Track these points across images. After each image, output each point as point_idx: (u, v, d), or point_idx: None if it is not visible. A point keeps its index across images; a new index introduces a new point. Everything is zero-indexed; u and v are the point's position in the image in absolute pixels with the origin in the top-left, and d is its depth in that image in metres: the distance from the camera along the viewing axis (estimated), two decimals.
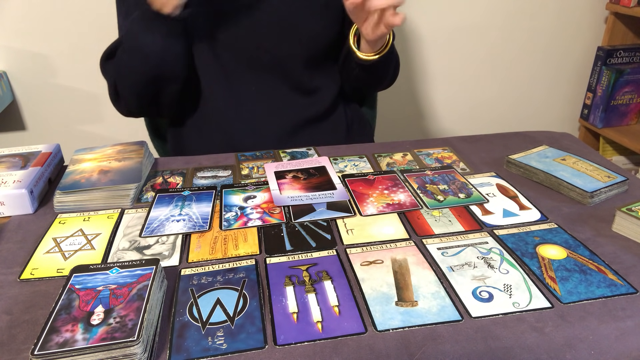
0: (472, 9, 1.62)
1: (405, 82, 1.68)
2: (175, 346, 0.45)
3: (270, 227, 0.64)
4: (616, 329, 0.47)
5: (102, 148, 0.80)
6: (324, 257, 0.58)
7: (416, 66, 1.68)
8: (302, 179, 0.75)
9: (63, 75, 1.46)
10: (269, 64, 0.91)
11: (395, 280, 0.54)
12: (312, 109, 0.96)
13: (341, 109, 1.01)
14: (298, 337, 0.46)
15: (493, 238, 0.61)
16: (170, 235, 0.62)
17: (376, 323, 0.48)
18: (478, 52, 1.69)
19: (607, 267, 0.56)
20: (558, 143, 0.87)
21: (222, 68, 0.90)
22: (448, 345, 0.45)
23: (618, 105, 1.74)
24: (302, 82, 0.94)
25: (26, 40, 1.40)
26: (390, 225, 0.64)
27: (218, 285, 0.53)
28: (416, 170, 0.78)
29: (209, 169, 0.80)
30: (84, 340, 0.42)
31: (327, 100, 0.98)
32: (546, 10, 1.67)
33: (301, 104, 0.95)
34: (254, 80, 0.92)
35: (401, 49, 1.60)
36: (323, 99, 0.98)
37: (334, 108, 1.00)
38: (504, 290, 0.52)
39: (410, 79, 1.69)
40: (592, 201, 0.68)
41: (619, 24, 1.68)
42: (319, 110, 0.97)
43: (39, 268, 0.56)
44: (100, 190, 0.68)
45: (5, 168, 0.71)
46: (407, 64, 1.66)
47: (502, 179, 0.76)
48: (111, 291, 0.48)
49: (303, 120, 0.96)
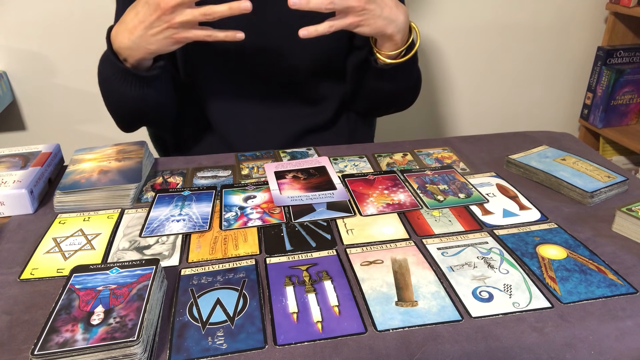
0: (472, 10, 1.62)
1: None
2: (175, 346, 0.45)
3: (270, 227, 0.64)
4: (616, 329, 0.47)
5: (102, 148, 0.80)
6: (324, 257, 0.58)
7: None
8: (302, 179, 0.75)
9: (63, 75, 1.46)
10: (273, 74, 0.90)
11: (395, 280, 0.54)
12: (316, 118, 0.96)
13: (344, 117, 1.00)
14: (298, 337, 0.46)
15: (493, 238, 0.61)
16: (170, 235, 0.62)
17: (376, 323, 0.48)
18: (478, 52, 1.69)
19: (607, 267, 0.56)
20: (558, 143, 0.87)
21: (225, 77, 0.89)
22: (448, 345, 0.45)
23: (618, 105, 1.74)
24: (307, 92, 0.93)
25: (26, 40, 1.40)
26: (390, 225, 0.64)
27: (218, 285, 0.53)
28: (416, 170, 0.78)
29: (209, 169, 0.80)
30: (84, 340, 0.42)
31: (331, 109, 0.97)
32: (546, 11, 1.67)
33: (305, 113, 0.95)
34: (258, 89, 0.91)
35: None
36: (327, 108, 0.97)
37: (337, 117, 0.99)
38: (504, 290, 0.52)
39: None
40: (592, 201, 0.68)
41: (619, 24, 1.68)
42: (323, 120, 0.96)
43: (39, 268, 0.56)
44: (100, 190, 0.68)
45: (5, 168, 0.71)
46: None
47: (502, 179, 0.76)
48: (111, 291, 0.48)
49: (306, 129, 0.95)
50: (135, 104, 0.81)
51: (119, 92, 0.80)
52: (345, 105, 1.00)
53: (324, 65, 0.92)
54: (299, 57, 0.89)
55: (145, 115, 0.87)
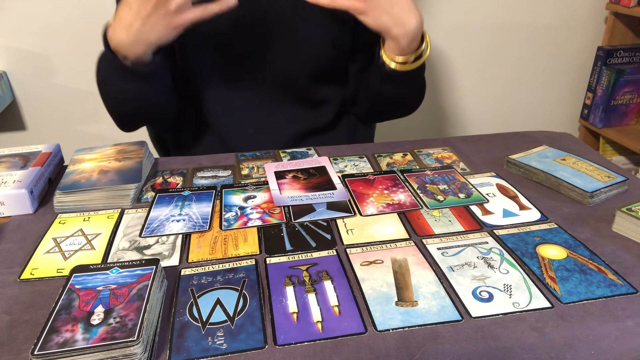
0: (473, 9, 1.62)
1: None
2: (175, 346, 0.45)
3: (270, 227, 0.64)
4: (616, 329, 0.47)
5: (102, 148, 0.80)
6: (324, 257, 0.58)
7: None
8: (302, 179, 0.75)
9: (63, 75, 1.46)
10: (274, 76, 0.90)
11: (395, 280, 0.54)
12: (317, 121, 0.96)
13: (345, 120, 1.00)
14: (298, 337, 0.46)
15: (493, 238, 0.61)
16: (170, 235, 0.62)
17: (376, 323, 0.48)
18: (478, 52, 1.69)
19: (607, 267, 0.56)
20: (558, 143, 0.87)
21: (226, 80, 0.89)
22: (448, 345, 0.45)
23: (618, 105, 1.74)
24: (308, 94, 0.93)
25: (26, 40, 1.40)
26: (390, 225, 0.64)
27: (218, 285, 0.53)
28: (416, 170, 0.78)
29: (209, 169, 0.80)
30: (84, 340, 0.42)
31: (332, 111, 0.97)
32: (546, 10, 1.67)
33: (306, 116, 0.95)
34: (258, 92, 0.91)
35: None
36: (328, 111, 0.96)
37: (338, 119, 0.99)
38: (504, 290, 0.52)
39: None
40: (592, 201, 0.68)
41: (619, 24, 1.68)
42: (324, 122, 0.96)
43: (39, 268, 0.56)
44: (100, 190, 0.68)
45: (5, 168, 0.71)
46: None
47: (502, 179, 0.76)
48: (111, 291, 0.48)
49: (307, 131, 0.95)
50: (135, 102, 0.81)
51: (118, 90, 0.80)
52: (345, 108, 1.00)
53: (325, 68, 0.92)
54: (299, 59, 0.89)
55: (145, 113, 0.87)
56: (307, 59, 0.89)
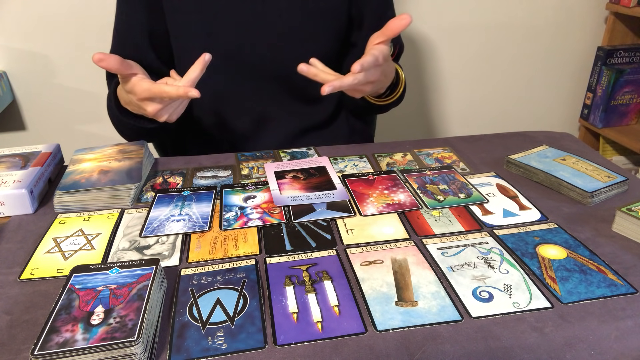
0: (472, 9, 1.62)
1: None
2: (175, 346, 0.45)
3: (270, 227, 0.64)
4: (616, 329, 0.47)
5: (102, 148, 0.80)
6: (324, 257, 0.58)
7: (416, 66, 1.68)
8: (302, 179, 0.75)
9: (63, 75, 1.46)
10: (271, 73, 0.90)
11: (395, 280, 0.54)
12: (315, 118, 0.96)
13: (343, 115, 1.00)
14: (298, 337, 0.46)
15: (493, 238, 0.61)
16: (170, 235, 0.62)
17: (376, 323, 0.48)
18: (478, 52, 1.69)
19: (607, 267, 0.56)
20: (558, 143, 0.87)
21: (224, 77, 0.90)
22: (448, 345, 0.45)
23: (618, 105, 1.74)
24: (305, 91, 0.94)
25: (26, 40, 1.40)
26: (390, 225, 0.64)
27: (218, 285, 0.53)
28: (416, 170, 0.78)
29: (209, 169, 0.80)
30: (84, 340, 0.42)
31: (329, 108, 0.97)
32: (546, 10, 1.67)
33: (303, 112, 0.95)
34: (256, 89, 0.91)
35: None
36: (326, 107, 0.97)
37: (336, 115, 0.99)
38: (504, 290, 0.52)
39: (410, 79, 1.69)
40: (592, 201, 0.68)
41: (619, 24, 1.68)
42: (322, 119, 0.96)
43: (39, 268, 0.56)
44: (100, 190, 0.68)
45: (5, 168, 0.71)
46: (407, 64, 1.66)
47: (502, 179, 0.76)
48: (111, 291, 0.48)
49: (305, 128, 0.95)
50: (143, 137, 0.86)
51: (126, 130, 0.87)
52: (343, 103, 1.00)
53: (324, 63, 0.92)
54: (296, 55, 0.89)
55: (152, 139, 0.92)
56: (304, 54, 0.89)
